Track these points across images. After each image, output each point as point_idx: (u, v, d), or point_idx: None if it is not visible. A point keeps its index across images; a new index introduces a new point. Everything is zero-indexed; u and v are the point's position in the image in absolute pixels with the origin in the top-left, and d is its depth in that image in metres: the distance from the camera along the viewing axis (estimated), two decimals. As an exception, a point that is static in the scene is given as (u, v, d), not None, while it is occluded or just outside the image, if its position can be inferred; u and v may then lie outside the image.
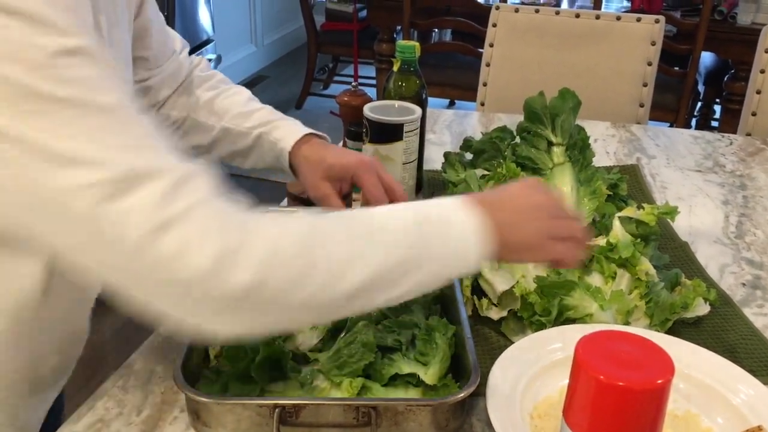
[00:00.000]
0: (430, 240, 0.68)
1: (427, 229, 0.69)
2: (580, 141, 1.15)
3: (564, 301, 0.91)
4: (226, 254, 0.58)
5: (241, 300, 0.59)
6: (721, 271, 1.13)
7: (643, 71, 1.96)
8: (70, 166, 0.56)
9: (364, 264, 0.64)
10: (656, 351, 0.63)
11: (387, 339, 0.85)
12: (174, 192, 0.58)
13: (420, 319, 0.88)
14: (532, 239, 0.75)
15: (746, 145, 1.65)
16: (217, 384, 0.80)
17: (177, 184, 0.58)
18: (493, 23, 2.02)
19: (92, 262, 0.60)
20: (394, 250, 0.66)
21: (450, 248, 0.69)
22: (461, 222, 0.70)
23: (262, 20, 4.94)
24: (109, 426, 0.79)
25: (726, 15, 2.91)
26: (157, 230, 0.57)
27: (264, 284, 0.60)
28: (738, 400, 0.82)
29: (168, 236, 0.57)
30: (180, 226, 0.57)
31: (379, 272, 0.65)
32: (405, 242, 0.67)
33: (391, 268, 0.66)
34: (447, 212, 0.70)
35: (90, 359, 1.82)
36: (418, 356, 0.83)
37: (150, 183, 0.57)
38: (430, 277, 0.69)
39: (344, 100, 1.28)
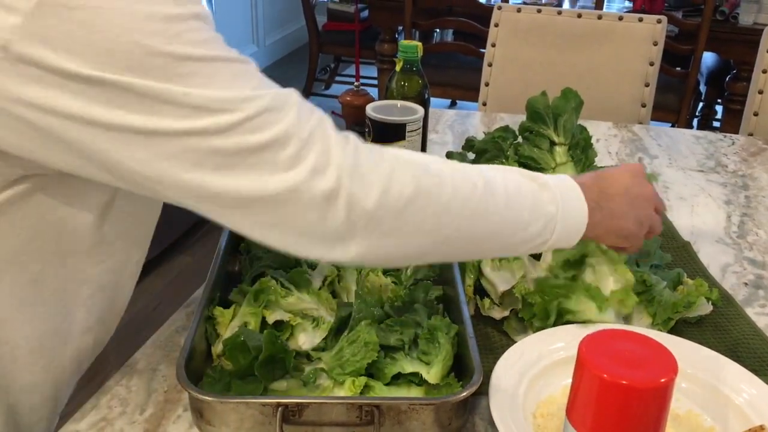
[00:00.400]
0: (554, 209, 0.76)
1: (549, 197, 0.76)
2: (582, 141, 1.15)
3: (562, 305, 0.91)
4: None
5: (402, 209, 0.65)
6: (724, 271, 1.14)
7: (644, 71, 1.96)
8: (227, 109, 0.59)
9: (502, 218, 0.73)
10: (659, 350, 0.63)
11: (390, 338, 0.85)
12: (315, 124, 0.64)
13: (422, 319, 0.88)
14: (633, 229, 0.84)
15: (748, 145, 1.65)
16: (220, 383, 0.81)
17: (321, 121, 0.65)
18: (495, 23, 2.02)
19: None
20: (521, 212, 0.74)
21: (567, 229, 0.77)
22: (579, 207, 0.78)
23: (263, 20, 4.94)
24: (112, 424, 0.79)
25: (728, 15, 2.91)
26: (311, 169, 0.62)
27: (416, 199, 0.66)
28: (740, 399, 0.82)
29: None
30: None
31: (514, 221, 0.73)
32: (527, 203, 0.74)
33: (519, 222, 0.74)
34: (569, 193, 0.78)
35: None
36: (421, 355, 0.83)
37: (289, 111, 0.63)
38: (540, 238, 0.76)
39: (347, 100, 1.28)
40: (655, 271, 1.02)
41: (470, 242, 0.72)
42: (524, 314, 0.93)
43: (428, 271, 1.02)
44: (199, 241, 2.90)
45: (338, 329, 0.88)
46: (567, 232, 0.77)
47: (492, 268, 0.99)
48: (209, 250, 1.01)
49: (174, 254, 2.80)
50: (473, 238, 0.71)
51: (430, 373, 0.81)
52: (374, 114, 1.17)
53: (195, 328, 0.82)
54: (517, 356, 0.86)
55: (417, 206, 0.66)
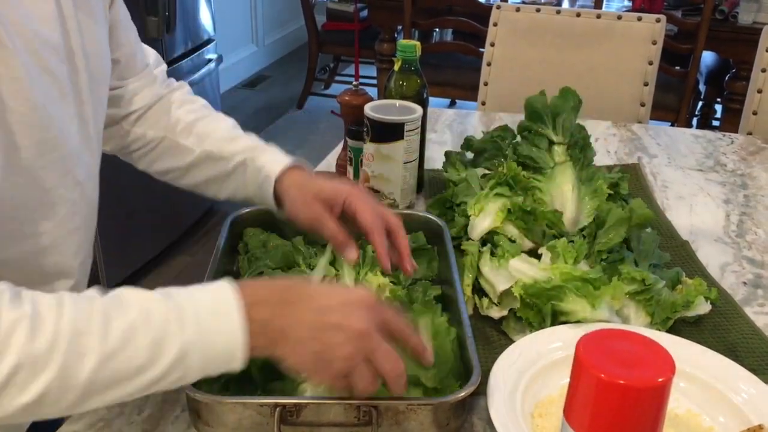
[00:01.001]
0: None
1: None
2: (581, 140, 1.15)
3: (556, 307, 0.91)
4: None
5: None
6: (722, 270, 1.13)
7: (644, 70, 1.96)
8: None
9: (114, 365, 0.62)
10: (657, 349, 0.63)
11: None
12: None
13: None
14: (307, 363, 0.68)
15: (747, 144, 1.65)
16: (218, 383, 0.80)
17: None
18: (494, 22, 2.02)
19: None
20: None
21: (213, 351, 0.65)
22: (228, 326, 0.65)
23: (263, 20, 4.94)
24: (110, 425, 0.79)
25: (727, 14, 2.91)
26: None
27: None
28: (739, 398, 0.82)
29: None
30: None
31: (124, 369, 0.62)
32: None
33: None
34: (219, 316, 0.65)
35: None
36: None
37: None
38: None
39: (345, 100, 1.28)
40: (654, 270, 1.02)
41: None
42: (522, 313, 0.93)
43: (426, 271, 1.02)
44: (199, 241, 2.90)
45: None
46: (211, 361, 0.65)
47: (491, 267, 0.99)
48: (209, 250, 1.00)
49: (174, 254, 2.80)
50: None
51: (428, 376, 0.81)
52: (373, 114, 1.16)
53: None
54: (516, 356, 0.86)
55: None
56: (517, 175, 1.10)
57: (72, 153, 0.77)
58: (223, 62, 3.08)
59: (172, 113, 1.01)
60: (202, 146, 0.99)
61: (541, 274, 0.95)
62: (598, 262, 0.99)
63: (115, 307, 0.63)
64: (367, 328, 0.68)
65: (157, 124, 1.01)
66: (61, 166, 0.75)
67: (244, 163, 0.97)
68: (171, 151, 1.01)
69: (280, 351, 0.67)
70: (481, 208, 1.09)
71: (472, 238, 1.07)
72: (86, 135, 0.81)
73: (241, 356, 0.65)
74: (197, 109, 1.03)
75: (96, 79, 0.83)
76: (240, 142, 0.99)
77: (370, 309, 0.69)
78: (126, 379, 0.62)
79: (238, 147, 0.98)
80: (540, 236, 1.06)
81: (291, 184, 0.94)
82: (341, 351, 0.67)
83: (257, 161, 0.97)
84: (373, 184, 1.20)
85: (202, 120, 1.01)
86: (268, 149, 0.99)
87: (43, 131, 0.71)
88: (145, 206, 2.52)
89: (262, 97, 4.56)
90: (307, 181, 0.94)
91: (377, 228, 0.88)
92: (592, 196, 1.10)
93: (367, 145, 1.19)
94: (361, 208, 0.89)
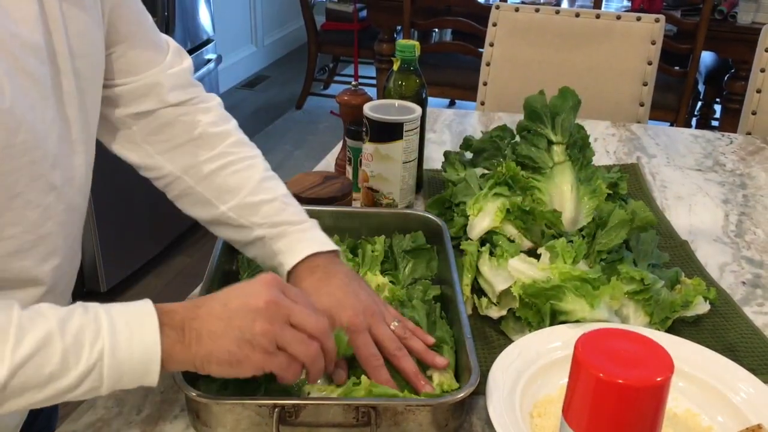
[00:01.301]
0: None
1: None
2: (580, 140, 1.15)
3: (555, 307, 0.91)
4: None
5: None
6: (721, 270, 1.13)
7: (643, 70, 1.96)
8: None
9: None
10: (655, 349, 0.63)
11: None
12: None
13: (421, 317, 0.88)
14: (235, 350, 0.69)
15: (746, 144, 1.65)
16: (216, 384, 0.80)
17: None
18: (494, 22, 2.02)
19: None
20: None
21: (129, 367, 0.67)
22: (141, 338, 0.67)
23: (262, 20, 4.94)
24: (109, 425, 0.79)
25: (726, 14, 2.91)
26: None
27: None
28: (738, 398, 0.82)
29: None
30: None
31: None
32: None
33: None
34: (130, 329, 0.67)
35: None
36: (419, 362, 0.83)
37: None
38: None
39: (344, 100, 1.28)
40: (653, 270, 1.02)
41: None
42: (522, 313, 0.93)
43: (426, 271, 1.02)
44: (198, 242, 2.90)
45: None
46: (126, 371, 0.67)
47: (490, 267, 0.99)
48: (208, 251, 1.00)
49: (173, 254, 2.80)
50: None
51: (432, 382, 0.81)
52: (372, 113, 1.16)
53: (192, 328, 0.81)
54: (515, 356, 0.86)
55: None
56: (516, 175, 1.10)
57: (46, 157, 0.73)
58: (223, 62, 3.08)
59: (198, 155, 0.91)
60: (224, 207, 0.91)
61: (540, 273, 0.95)
62: (597, 262, 0.99)
63: (33, 316, 0.65)
64: (269, 298, 0.71)
65: (179, 160, 0.91)
66: (31, 171, 0.71)
67: (263, 240, 0.90)
68: (192, 200, 0.93)
69: (201, 350, 0.69)
70: (480, 208, 1.09)
71: (471, 237, 1.07)
72: (68, 138, 0.77)
73: (157, 367, 0.67)
74: (226, 151, 0.92)
75: (85, 79, 0.79)
76: (262, 212, 0.90)
77: (267, 284, 0.72)
78: (38, 386, 0.64)
79: (260, 218, 0.90)
80: (539, 236, 1.06)
81: (299, 283, 0.87)
82: (256, 327, 0.69)
83: (275, 245, 0.90)
84: (372, 183, 1.20)
85: (227, 169, 0.91)
86: (290, 228, 0.90)
87: (10, 135, 0.68)
88: (144, 206, 2.52)
89: (261, 98, 4.56)
90: (314, 287, 0.85)
91: (371, 365, 0.81)
92: (591, 196, 1.10)
93: (366, 144, 1.19)
94: (357, 344, 0.82)
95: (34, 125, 0.71)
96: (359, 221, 1.08)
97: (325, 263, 0.88)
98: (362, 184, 1.22)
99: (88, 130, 0.82)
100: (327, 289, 0.85)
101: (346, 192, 1.16)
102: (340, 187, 1.16)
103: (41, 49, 0.72)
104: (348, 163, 1.29)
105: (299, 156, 3.73)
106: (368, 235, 1.07)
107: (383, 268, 1.01)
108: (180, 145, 0.92)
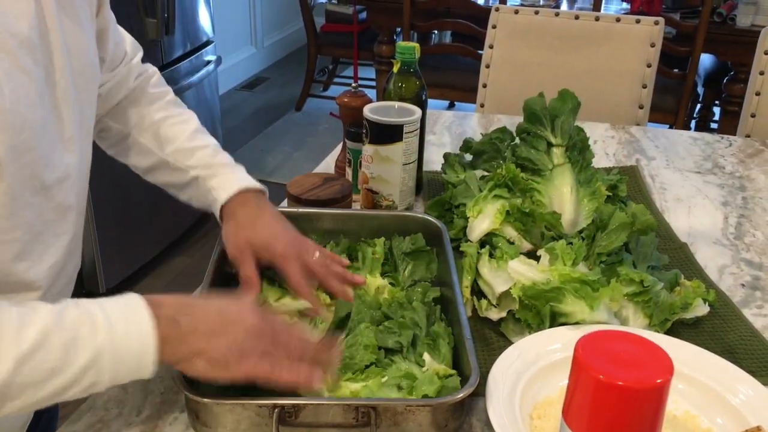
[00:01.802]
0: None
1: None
2: (579, 142, 1.16)
3: (554, 309, 0.92)
4: None
5: None
6: (721, 272, 1.14)
7: (642, 73, 1.97)
8: None
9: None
10: (655, 351, 0.63)
11: (388, 341, 0.85)
12: None
13: (421, 318, 0.88)
14: (225, 352, 0.71)
15: (745, 147, 1.65)
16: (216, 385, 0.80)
17: None
18: (493, 25, 2.02)
19: None
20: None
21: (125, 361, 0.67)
22: (137, 331, 0.68)
23: (262, 22, 4.94)
24: (109, 426, 0.79)
25: (725, 17, 2.92)
26: None
27: None
28: (737, 400, 0.82)
29: None
30: None
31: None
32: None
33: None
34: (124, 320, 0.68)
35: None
36: (420, 359, 0.84)
37: None
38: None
39: (344, 102, 1.28)
40: (652, 272, 1.02)
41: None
42: (521, 315, 0.93)
43: (425, 273, 1.02)
44: (198, 242, 2.90)
45: (336, 329, 0.89)
46: (123, 365, 0.67)
47: (490, 269, 0.99)
48: (208, 251, 1.00)
49: (172, 255, 2.80)
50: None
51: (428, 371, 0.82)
52: (372, 115, 1.17)
53: (192, 329, 0.81)
54: (514, 357, 0.86)
55: None
56: (515, 177, 1.10)
57: (41, 156, 0.73)
58: (222, 64, 3.08)
59: (141, 109, 1.01)
60: (162, 153, 1.00)
61: (539, 275, 0.95)
62: (597, 264, 0.99)
63: (29, 313, 0.65)
64: (263, 317, 0.75)
65: (124, 117, 1.01)
66: (28, 170, 0.72)
67: (197, 180, 0.99)
68: (135, 150, 1.02)
69: (195, 344, 0.70)
70: (479, 210, 1.09)
71: (471, 239, 1.07)
72: (62, 137, 0.77)
73: (153, 358, 0.68)
74: (165, 106, 1.03)
75: (81, 77, 0.80)
76: (197, 156, 1.00)
77: (256, 310, 0.76)
78: (39, 383, 0.64)
79: (194, 161, 0.99)
80: (539, 238, 1.06)
81: (231, 219, 0.96)
82: (249, 339, 0.72)
83: (208, 182, 0.98)
84: (372, 185, 1.21)
85: (167, 121, 1.02)
86: (222, 169, 1.00)
87: (15, 134, 0.68)
88: (144, 207, 2.52)
89: (260, 99, 4.56)
90: (249, 222, 0.95)
91: (303, 291, 0.92)
92: (591, 198, 1.10)
93: (366, 146, 1.19)
94: (288, 272, 0.93)
95: (33, 124, 0.71)
96: (359, 223, 1.09)
97: (255, 199, 0.98)
98: (362, 185, 1.22)
99: (83, 129, 0.82)
100: (261, 221, 0.96)
101: (345, 194, 1.16)
102: (339, 189, 1.16)
103: (36, 47, 0.72)
104: (348, 164, 1.30)
105: (299, 157, 3.73)
106: (368, 236, 1.07)
107: (383, 270, 1.02)
108: (126, 106, 1.01)
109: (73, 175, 0.80)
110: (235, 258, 0.95)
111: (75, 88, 0.79)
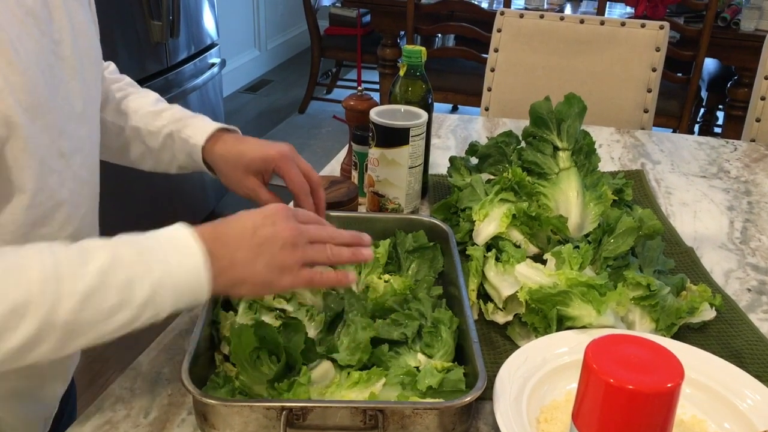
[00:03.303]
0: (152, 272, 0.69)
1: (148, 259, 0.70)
2: (585, 146, 1.16)
3: (562, 312, 0.92)
4: None
5: None
6: (727, 277, 1.14)
7: (647, 77, 1.97)
8: None
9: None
10: (665, 355, 0.63)
11: (393, 333, 0.86)
12: None
13: (427, 309, 0.89)
14: (268, 276, 0.75)
15: (751, 151, 1.65)
16: (224, 387, 0.81)
17: None
18: (498, 29, 2.03)
19: None
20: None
21: (174, 283, 0.70)
22: (184, 257, 0.71)
23: (265, 25, 4.95)
24: (116, 428, 0.79)
25: (729, 21, 2.92)
26: None
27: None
28: (744, 405, 0.82)
29: None
30: None
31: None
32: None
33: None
34: (170, 245, 0.72)
35: (94, 358, 1.82)
36: (425, 348, 0.86)
37: None
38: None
39: (350, 105, 1.28)
40: (659, 276, 1.02)
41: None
42: (528, 318, 0.93)
43: (429, 271, 1.03)
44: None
45: (331, 323, 0.92)
46: (179, 295, 0.71)
47: (496, 272, 0.99)
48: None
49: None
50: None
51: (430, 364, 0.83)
52: (378, 119, 1.17)
53: (200, 331, 0.82)
54: (521, 361, 0.86)
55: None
56: (521, 181, 1.10)
57: (56, 123, 0.76)
58: (226, 66, 3.08)
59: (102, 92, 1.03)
60: (130, 122, 1.01)
61: (546, 279, 0.95)
62: (604, 268, 0.99)
63: (87, 251, 0.68)
64: (293, 227, 0.77)
65: None
66: (47, 135, 0.74)
67: (171, 135, 1.00)
68: (103, 130, 1.00)
69: (236, 275, 0.73)
70: (485, 214, 1.09)
71: (477, 243, 1.07)
72: (72, 110, 0.80)
73: (207, 287, 0.71)
74: (123, 87, 1.05)
75: (87, 57, 0.83)
76: (164, 115, 1.01)
77: (285, 216, 0.77)
78: (103, 319, 0.67)
79: (164, 120, 1.01)
80: (545, 242, 1.06)
81: (219, 158, 0.98)
82: (285, 254, 0.75)
83: (183, 132, 0.99)
84: (378, 188, 1.21)
85: (128, 97, 1.03)
86: (192, 119, 1.01)
87: (30, 96, 0.70)
88: (147, 209, 2.52)
89: (264, 102, 4.57)
90: (236, 151, 0.97)
91: (304, 191, 0.95)
92: (597, 202, 1.10)
93: (372, 149, 1.19)
94: (290, 173, 0.95)
95: (45, 90, 0.73)
96: (365, 226, 1.08)
97: (232, 136, 0.99)
98: (368, 188, 1.22)
99: (91, 106, 0.85)
100: (246, 143, 0.97)
101: (351, 196, 1.16)
102: (345, 192, 1.17)
103: (42, 19, 0.75)
104: (354, 167, 1.30)
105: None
106: (374, 239, 1.07)
107: (387, 269, 1.02)
108: None
109: (86, 149, 0.83)
110: (246, 195, 0.97)
111: (81, 66, 0.81)
